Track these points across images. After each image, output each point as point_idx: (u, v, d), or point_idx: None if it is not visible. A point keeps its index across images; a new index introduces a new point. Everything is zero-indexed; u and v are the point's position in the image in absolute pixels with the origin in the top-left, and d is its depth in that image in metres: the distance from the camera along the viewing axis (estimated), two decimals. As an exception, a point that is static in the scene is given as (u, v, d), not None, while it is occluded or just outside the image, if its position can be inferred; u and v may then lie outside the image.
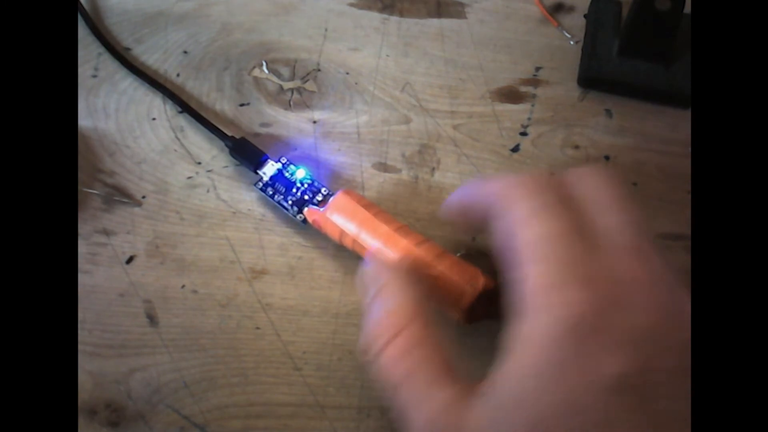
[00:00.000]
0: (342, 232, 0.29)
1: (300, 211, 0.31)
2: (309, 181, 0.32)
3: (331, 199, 0.30)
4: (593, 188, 0.22)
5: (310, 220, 0.30)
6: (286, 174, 0.32)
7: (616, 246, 0.21)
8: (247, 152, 0.33)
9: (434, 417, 0.20)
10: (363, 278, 0.25)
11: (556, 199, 0.22)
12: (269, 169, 0.32)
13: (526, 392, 0.19)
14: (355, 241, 0.29)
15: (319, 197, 0.31)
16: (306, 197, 0.31)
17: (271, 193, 0.31)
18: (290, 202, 0.31)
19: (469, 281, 0.27)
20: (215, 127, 0.34)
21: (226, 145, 0.33)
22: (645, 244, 0.21)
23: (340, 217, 0.29)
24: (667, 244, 0.32)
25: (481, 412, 0.20)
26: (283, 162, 0.32)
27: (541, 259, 0.20)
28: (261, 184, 0.32)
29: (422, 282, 0.24)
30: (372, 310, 0.23)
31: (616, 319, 0.19)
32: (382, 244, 0.28)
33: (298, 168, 0.32)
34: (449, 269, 0.27)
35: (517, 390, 0.19)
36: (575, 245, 0.20)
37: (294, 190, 0.31)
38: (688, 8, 0.31)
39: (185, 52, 0.37)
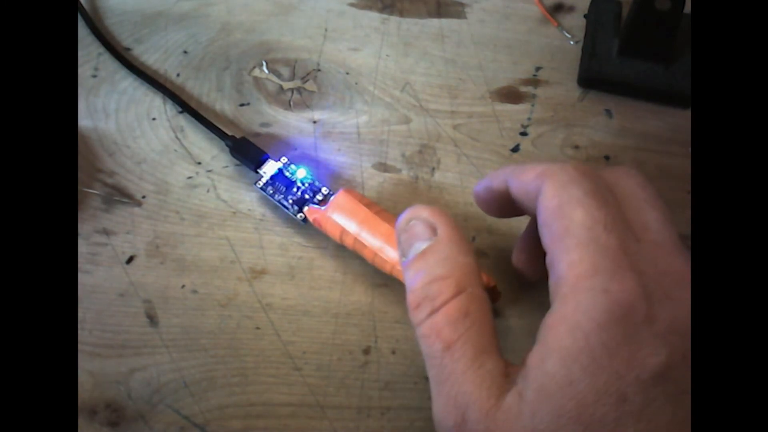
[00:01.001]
0: (343, 231, 0.29)
1: (300, 210, 0.31)
2: (309, 181, 0.32)
3: (333, 197, 0.30)
4: (633, 185, 0.23)
5: (310, 219, 0.30)
6: (287, 173, 0.32)
7: (657, 241, 0.21)
8: (247, 152, 0.33)
9: (478, 386, 0.20)
10: (413, 226, 0.24)
11: (605, 187, 0.22)
12: (270, 168, 0.32)
13: (571, 375, 0.19)
14: (356, 239, 0.29)
15: (320, 197, 0.31)
16: (306, 196, 0.31)
17: (271, 192, 0.31)
18: (291, 201, 0.31)
19: None
20: (215, 126, 0.34)
21: (227, 145, 0.33)
22: (680, 242, 0.21)
23: (341, 216, 0.29)
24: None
25: (522, 391, 0.20)
26: (284, 162, 0.32)
27: (591, 243, 0.20)
28: (261, 183, 0.32)
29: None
30: (427, 266, 0.22)
31: (661, 310, 0.19)
32: (383, 243, 0.28)
33: (298, 168, 0.32)
34: None
35: (562, 372, 0.19)
36: (624, 234, 0.21)
37: (294, 189, 0.31)
38: (688, 8, 0.31)
39: (185, 52, 0.37)
